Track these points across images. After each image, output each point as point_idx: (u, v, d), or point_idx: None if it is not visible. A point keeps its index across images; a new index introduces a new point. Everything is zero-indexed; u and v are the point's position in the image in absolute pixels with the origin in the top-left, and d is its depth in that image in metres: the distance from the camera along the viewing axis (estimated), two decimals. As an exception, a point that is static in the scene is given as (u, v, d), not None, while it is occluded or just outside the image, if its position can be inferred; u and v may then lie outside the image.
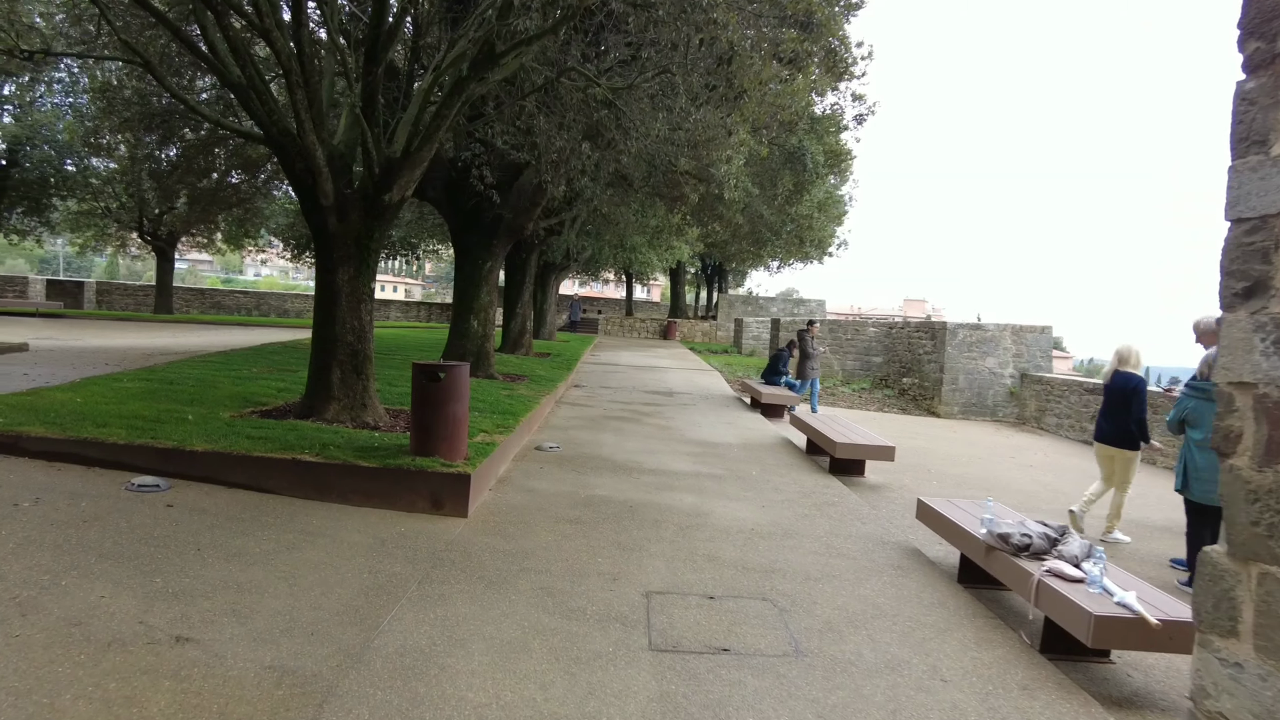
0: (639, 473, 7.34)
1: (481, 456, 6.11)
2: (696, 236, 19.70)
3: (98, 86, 13.43)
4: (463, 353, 12.43)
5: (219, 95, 12.37)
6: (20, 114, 24.56)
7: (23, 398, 7.03)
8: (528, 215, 12.56)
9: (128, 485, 5.33)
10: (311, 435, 6.26)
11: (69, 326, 20.88)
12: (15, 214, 27.32)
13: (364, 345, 7.43)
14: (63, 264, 76.74)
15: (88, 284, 32.74)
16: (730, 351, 27.03)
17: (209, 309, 34.97)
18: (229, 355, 12.00)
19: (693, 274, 44.89)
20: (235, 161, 14.73)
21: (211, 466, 5.64)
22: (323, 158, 6.98)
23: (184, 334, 20.14)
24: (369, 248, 7.41)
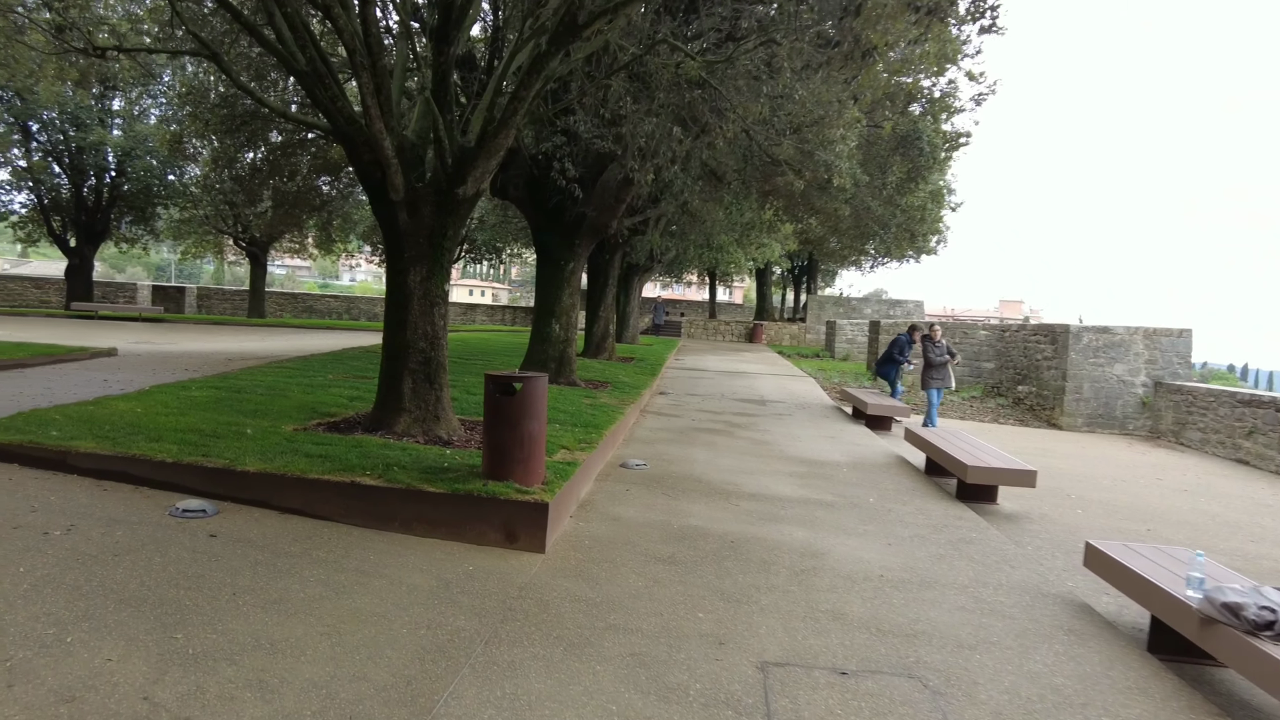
0: (738, 498, 6.47)
1: (561, 480, 5.36)
2: (790, 233, 18.65)
3: (184, 91, 13.43)
4: (544, 358, 11.80)
5: (302, 99, 12.11)
6: (125, 126, 25.47)
7: (85, 407, 6.67)
8: (611, 213, 11.83)
9: (171, 510, 4.78)
10: (376, 453, 5.63)
11: (165, 330, 21.38)
12: (124, 223, 28.47)
13: (437, 352, 6.80)
14: (174, 271, 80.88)
15: (189, 289, 33.94)
16: (822, 356, 25.77)
17: (301, 313, 35.77)
18: (307, 360, 11.70)
19: (779, 274, 43.54)
20: (317, 164, 14.60)
21: (263, 489, 5.06)
22: (391, 147, 6.38)
23: (272, 338, 20.32)
24: (442, 246, 6.78)
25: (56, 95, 22.59)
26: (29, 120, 24.61)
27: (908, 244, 17.13)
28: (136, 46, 7.69)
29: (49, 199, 26.60)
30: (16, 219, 27.70)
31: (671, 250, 23.20)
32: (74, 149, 24.99)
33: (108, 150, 24.97)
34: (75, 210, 26.71)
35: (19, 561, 3.88)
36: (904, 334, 12.83)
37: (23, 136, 24.74)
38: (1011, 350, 16.87)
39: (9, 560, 3.87)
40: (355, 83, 6.31)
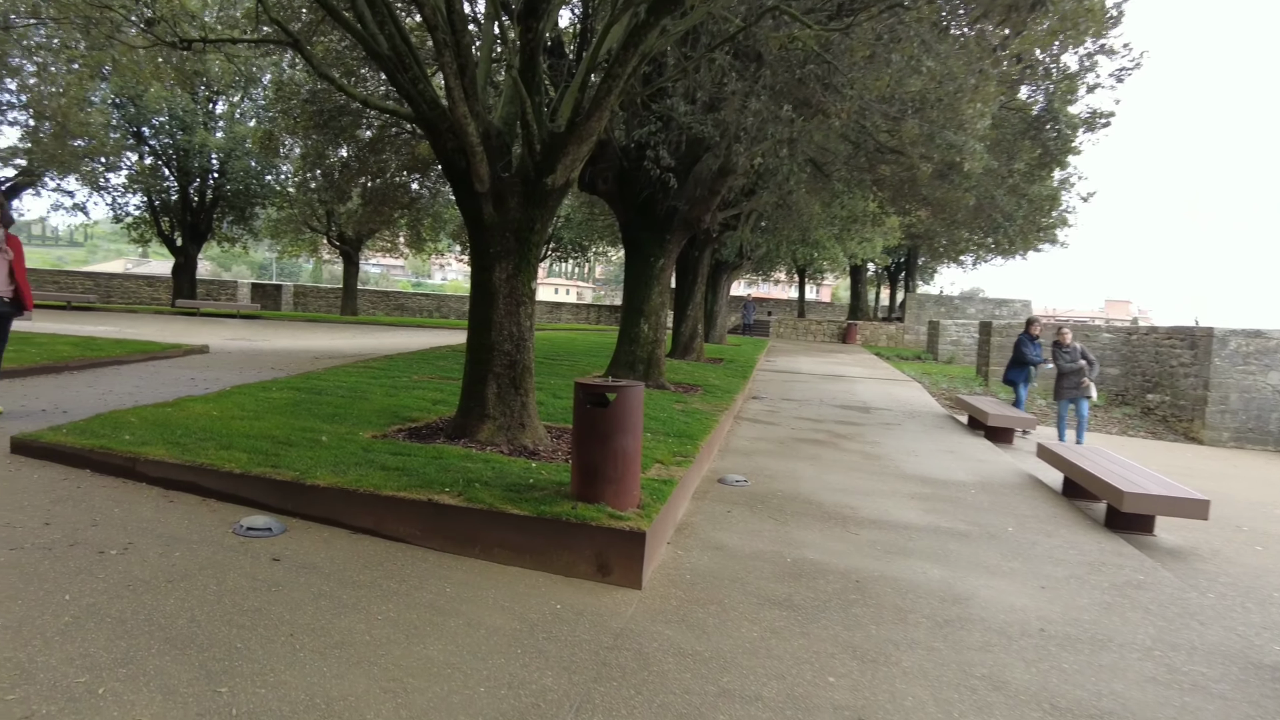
0: (855, 524, 5.71)
1: (658, 502, 4.74)
2: (896, 226, 17.52)
3: (275, 88, 13.48)
4: (631, 360, 11.23)
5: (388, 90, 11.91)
6: (226, 128, 26.32)
7: (163, 409, 6.44)
8: (705, 206, 11.17)
9: (235, 528, 4.38)
10: (457, 466, 5.14)
11: (260, 327, 21.85)
12: (226, 223, 29.48)
13: (523, 355, 6.29)
14: (274, 269, 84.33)
15: (286, 287, 34.95)
16: (924, 358, 24.41)
17: (393, 311, 36.39)
18: (392, 360, 11.46)
19: (873, 271, 41.91)
20: (405, 160, 14.47)
21: (334, 505, 4.63)
22: (476, 134, 5.90)
23: (362, 336, 20.47)
24: (529, 240, 6.26)
25: (164, 98, 23.48)
26: (142, 126, 25.68)
27: (1032, 237, 15.73)
28: (221, 38, 7.51)
29: (159, 201, 27.75)
30: (131, 220, 29.00)
31: (762, 246, 22.35)
32: (181, 152, 25.95)
33: (211, 152, 25.83)
34: (181, 211, 27.79)
35: (68, 587, 3.51)
36: (1022, 333, 11.69)
37: (136, 141, 25.82)
38: (1140, 355, 15.39)
39: (58, 586, 3.51)
40: (438, 65, 5.86)
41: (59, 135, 19.85)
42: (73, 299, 26.35)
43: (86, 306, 25.96)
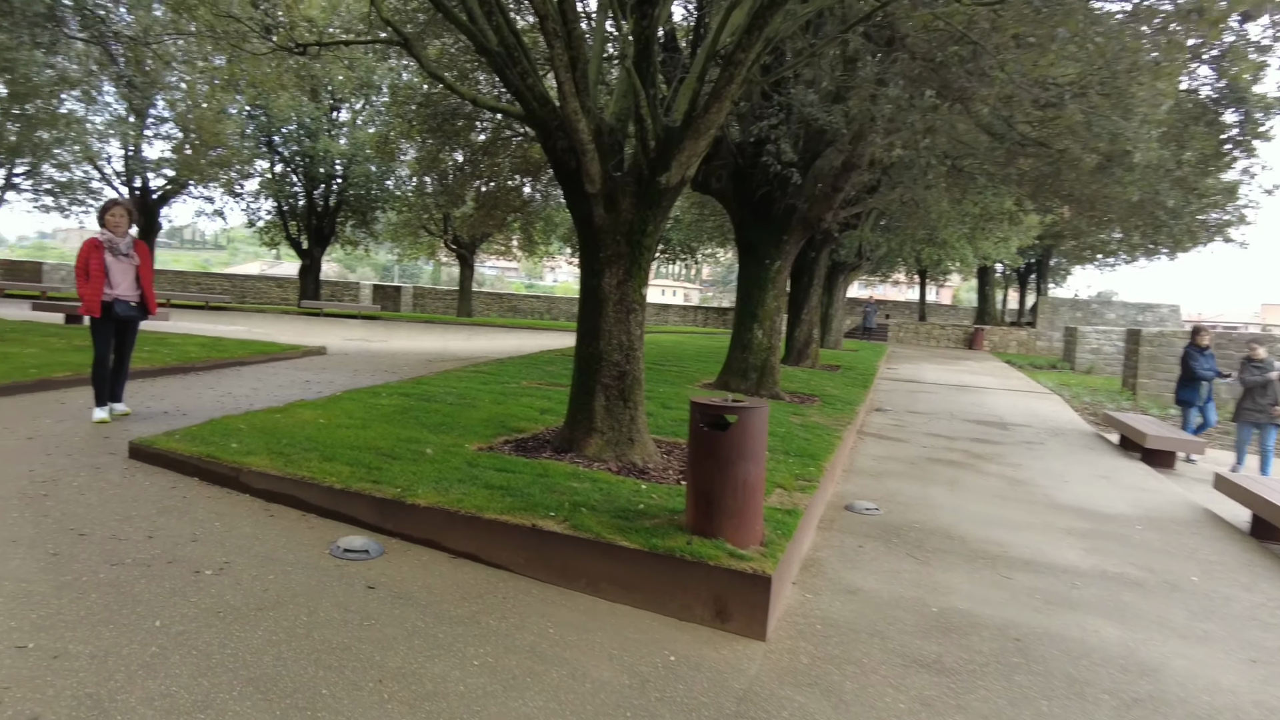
0: (1007, 565, 5.01)
1: (783, 538, 4.23)
2: (1033, 224, 16.19)
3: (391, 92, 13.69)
4: (744, 367, 10.69)
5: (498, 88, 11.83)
6: (349, 134, 27.34)
7: (272, 415, 6.40)
8: (826, 204, 10.50)
9: (332, 548, 4.16)
10: (562, 486, 4.79)
11: (379, 328, 22.49)
12: (348, 227, 30.70)
13: (633, 365, 5.90)
14: (396, 271, 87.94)
15: (405, 289, 36.13)
16: (1060, 367, 22.66)
17: (505, 312, 37.04)
18: (502, 364, 11.35)
19: (1001, 273, 39.55)
20: (517, 164, 14.45)
21: (434, 527, 4.35)
22: (588, 131, 5.54)
23: (475, 337, 20.73)
24: (641, 244, 5.86)
25: (292, 107, 24.57)
26: (272, 134, 27.01)
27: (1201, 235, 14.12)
28: (334, 40, 7.51)
29: (287, 206, 29.16)
30: (262, 225, 30.62)
31: (883, 246, 21.31)
32: (307, 159, 27.15)
33: (334, 158, 26.91)
34: (307, 215, 29.11)
35: (159, 611, 3.33)
36: (1189, 344, 10.42)
37: (267, 149, 27.19)
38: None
39: (150, 610, 3.33)
40: (548, 59, 5.53)
41: (201, 146, 21.10)
42: (210, 299, 27.99)
43: (222, 306, 27.51)
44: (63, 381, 7.95)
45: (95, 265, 6.45)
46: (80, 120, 23.40)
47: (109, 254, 6.53)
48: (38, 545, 3.85)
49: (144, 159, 27.23)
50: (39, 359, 8.76)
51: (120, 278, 6.59)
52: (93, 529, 4.11)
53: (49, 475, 4.92)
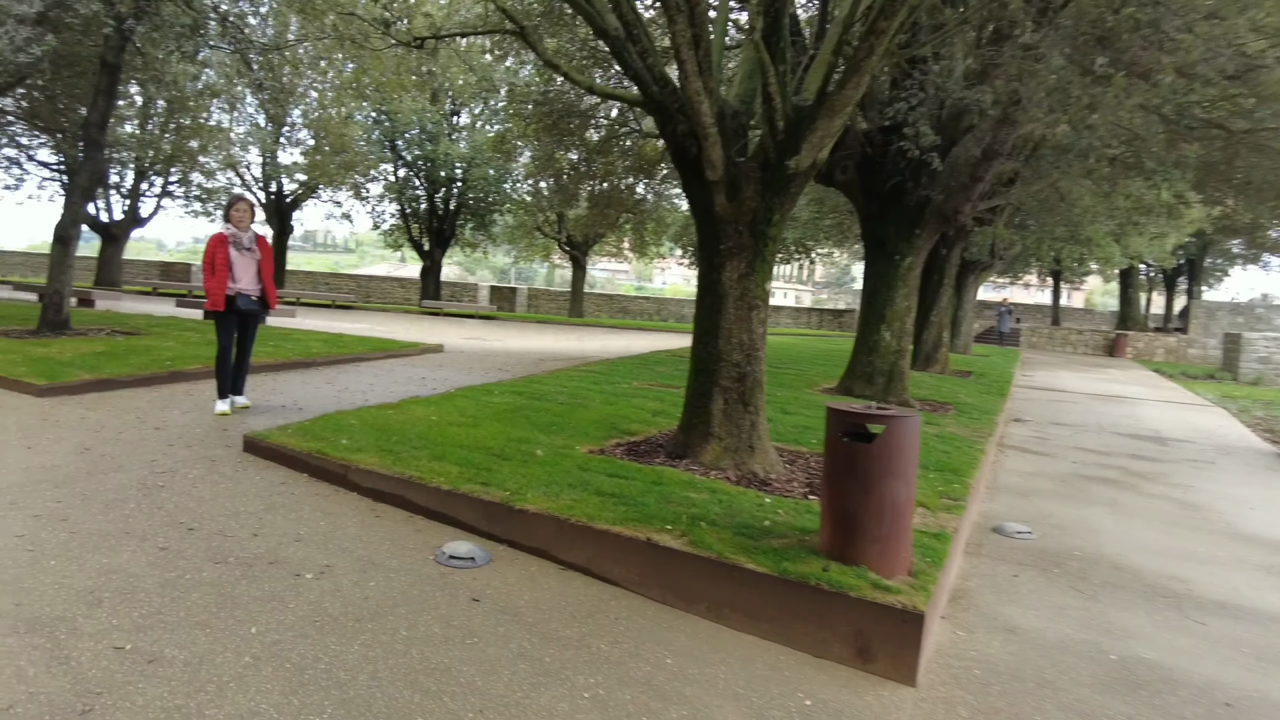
0: (1195, 607, 4.27)
1: (933, 567, 3.69)
2: (1197, 219, 14.63)
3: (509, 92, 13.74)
4: (870, 371, 10.02)
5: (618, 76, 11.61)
6: (469, 138, 27.97)
7: (384, 412, 6.30)
8: (964, 196, 9.70)
9: (437, 554, 3.92)
10: (678, 496, 4.40)
11: (495, 328, 22.81)
12: (468, 229, 31.46)
13: (754, 367, 5.45)
14: (513, 273, 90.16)
15: (520, 290, 36.81)
16: (1219, 377, 20.52)
17: (616, 313, 37.13)
18: (613, 364, 11.09)
19: (1145, 274, 36.52)
20: (631, 161, 14.22)
21: (543, 534, 4.04)
22: (710, 113, 5.14)
23: (587, 337, 20.68)
24: (766, 234, 5.40)
25: (415, 111, 25.32)
26: (396, 139, 27.97)
27: None
28: (450, 32, 7.42)
29: (409, 209, 30.15)
30: (386, 228, 31.79)
31: (1017, 244, 19.91)
32: (428, 162, 27.96)
33: (454, 161, 27.60)
34: (428, 218, 29.99)
35: (257, 616, 3.14)
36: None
37: (391, 154, 28.17)
38: None
39: (248, 614, 3.16)
40: (669, 36, 5.16)
41: (330, 151, 22.01)
42: (337, 298, 29.25)
43: (347, 305, 28.68)
44: (193, 374, 8.20)
45: (220, 259, 6.55)
46: (224, 130, 24.91)
47: (233, 249, 6.62)
48: (149, 539, 3.77)
49: (279, 164, 28.74)
50: (175, 352, 9.11)
51: (243, 272, 6.67)
52: (201, 523, 4.02)
53: (168, 467, 4.93)
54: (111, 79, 10.58)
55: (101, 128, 10.70)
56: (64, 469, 4.68)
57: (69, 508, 4.07)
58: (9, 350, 8.29)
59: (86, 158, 10.70)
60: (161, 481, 4.60)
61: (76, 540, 3.67)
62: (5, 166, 24.33)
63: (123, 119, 22.21)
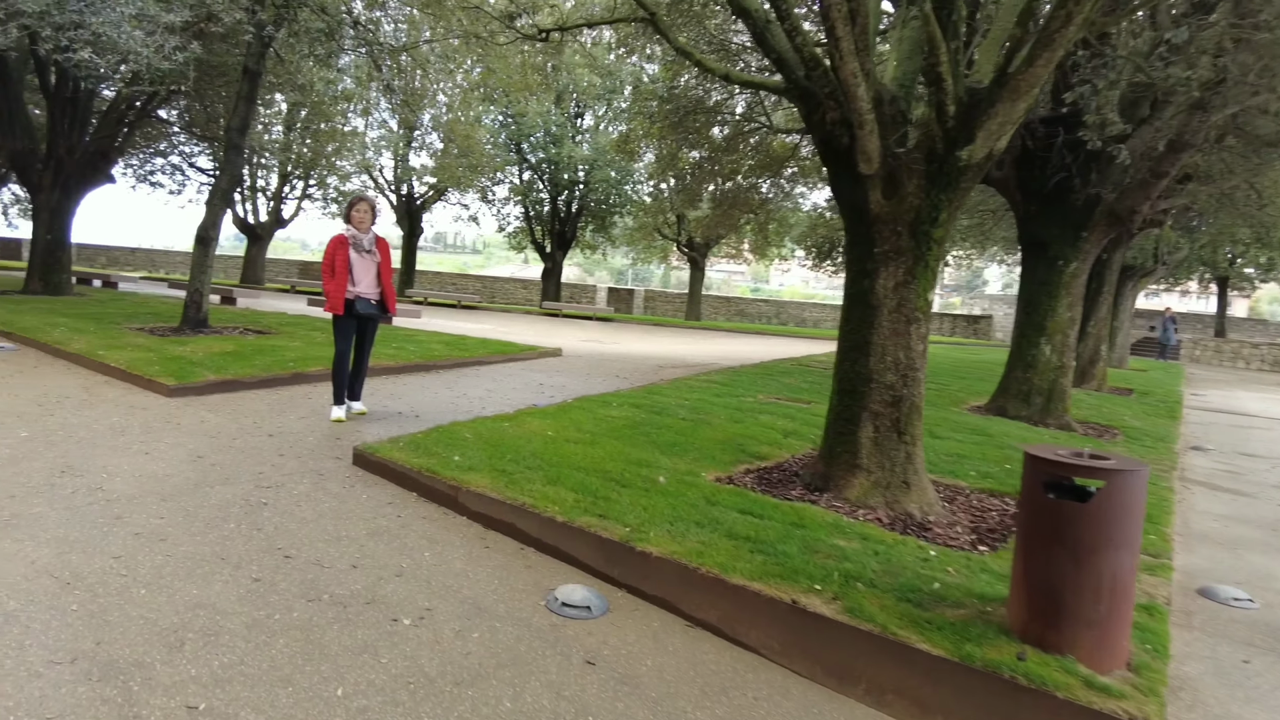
0: None
1: (1157, 657, 2.93)
2: None
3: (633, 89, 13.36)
4: (1026, 390, 8.98)
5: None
6: (591, 140, 27.95)
7: (499, 424, 5.95)
8: (1141, 194, 8.54)
9: (549, 600, 3.45)
10: (825, 542, 3.78)
11: (612, 330, 22.58)
12: (588, 231, 31.51)
13: (911, 389, 4.74)
14: (630, 274, 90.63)
15: (638, 292, 36.63)
16: None
17: (733, 316, 36.37)
18: (735, 374, 10.47)
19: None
20: (758, 159, 13.56)
21: (668, 582, 3.52)
22: (867, 98, 4.48)
23: (704, 342, 20.12)
24: (929, 236, 4.69)
25: (539, 114, 25.47)
26: (521, 142, 28.28)
27: None
28: (575, 23, 7.05)
29: (533, 211, 30.48)
30: (510, 230, 32.29)
31: (1183, 248, 17.93)
32: (552, 165, 28.13)
33: (577, 164, 27.64)
34: (551, 220, 30.21)
35: (345, 674, 2.75)
36: None
37: (517, 157, 28.51)
38: None
39: (335, 670, 2.77)
40: (820, 12, 4.54)
41: (458, 154, 22.40)
42: (462, 299, 29.87)
43: (472, 305, 29.24)
44: (314, 375, 8.18)
45: (340, 262, 6.39)
46: (359, 134, 25.83)
47: (353, 251, 6.44)
48: (243, 566, 3.49)
49: (410, 167, 29.63)
50: (299, 352, 9.17)
51: (362, 274, 6.49)
52: (299, 550, 3.72)
53: (274, 480, 4.71)
54: (252, 85, 10.85)
55: (242, 132, 10.99)
56: (174, 479, 4.53)
57: (170, 524, 3.86)
58: (150, 348, 8.52)
59: (226, 161, 11.03)
60: (266, 498, 4.37)
61: (171, 565, 3.42)
62: (169, 173, 26.18)
63: (270, 126, 23.39)
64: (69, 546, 3.51)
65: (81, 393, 6.75)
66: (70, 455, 4.80)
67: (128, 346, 8.52)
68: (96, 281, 20.79)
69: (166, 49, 8.61)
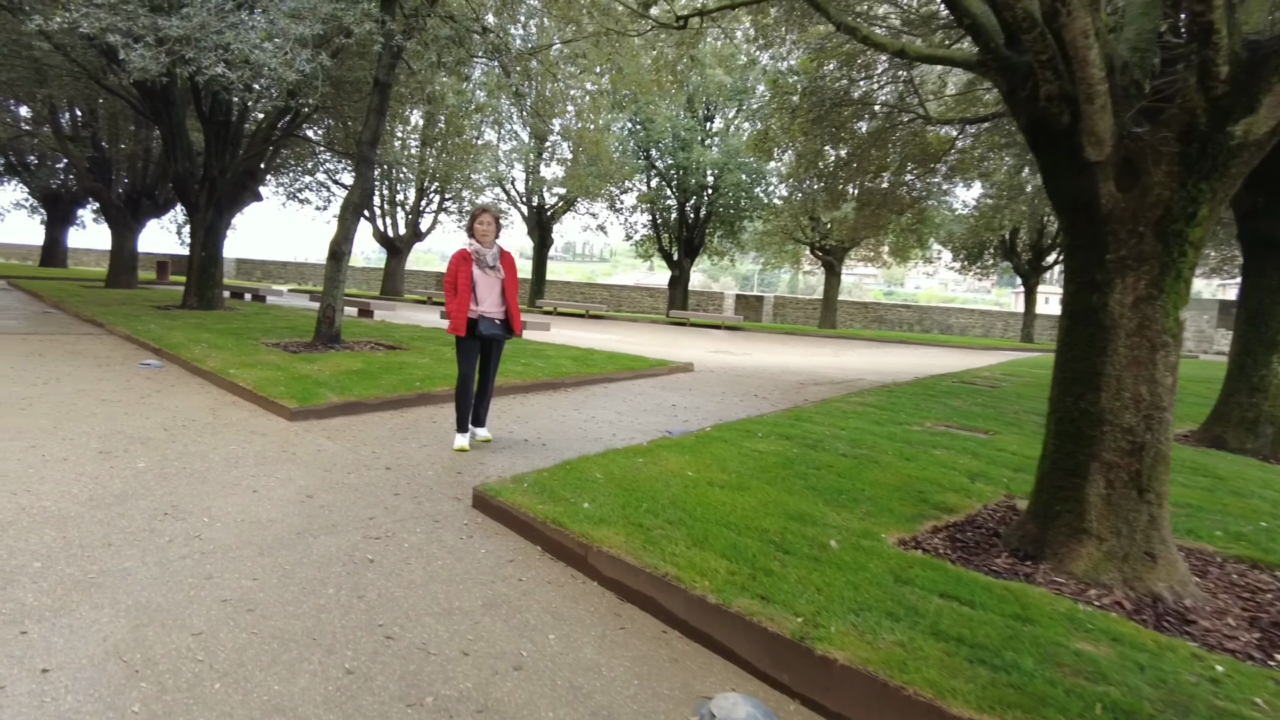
0: None
1: None
2: None
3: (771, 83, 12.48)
4: (1254, 417, 7.48)
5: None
6: (721, 143, 27.16)
7: (633, 459, 5.25)
8: None
9: (702, 712, 2.69)
10: (1065, 650, 2.85)
11: (741, 340, 21.67)
12: (716, 237, 30.73)
13: (1157, 435, 3.69)
14: (755, 279, 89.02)
15: (767, 298, 35.47)
16: None
17: (870, 324, 34.56)
18: (890, 394, 9.38)
19: None
20: (912, 151, 12.35)
21: (861, 702, 2.68)
22: (1099, 63, 3.49)
23: (843, 352, 18.88)
24: (1183, 239, 3.63)
25: (669, 120, 24.93)
26: (650, 149, 27.85)
27: None
28: (719, 5, 6.29)
29: (660, 219, 30.02)
30: (637, 238, 32.00)
31: None
32: (680, 170, 27.55)
33: (706, 168, 26.92)
34: (678, 227, 29.64)
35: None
36: None
37: (645, 163, 28.10)
38: None
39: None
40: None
41: (587, 163, 22.17)
42: (590, 308, 29.73)
43: (599, 315, 29.05)
44: (440, 396, 7.80)
45: (462, 279, 5.90)
46: (492, 146, 26.14)
47: (476, 267, 5.94)
48: (336, 651, 2.92)
49: (541, 178, 29.81)
50: (426, 370, 8.86)
51: (486, 293, 5.98)
52: (404, 628, 3.12)
53: (385, 528, 4.18)
54: (383, 97, 10.75)
55: (373, 145, 10.91)
56: (276, 526, 4.08)
57: (263, 588, 3.36)
58: (279, 366, 8.41)
59: (358, 174, 10.98)
60: (373, 552, 3.83)
61: (254, 647, 2.89)
62: (315, 189, 27.42)
63: (406, 141, 23.98)
64: (149, 617, 3.05)
65: (207, 415, 6.58)
66: (178, 493, 4.47)
67: (258, 365, 8.44)
68: (247, 295, 21.83)
69: (297, 62, 8.50)
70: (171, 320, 12.80)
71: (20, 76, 15.39)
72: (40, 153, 25.05)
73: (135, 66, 8.54)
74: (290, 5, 8.70)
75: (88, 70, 14.91)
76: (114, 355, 9.48)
